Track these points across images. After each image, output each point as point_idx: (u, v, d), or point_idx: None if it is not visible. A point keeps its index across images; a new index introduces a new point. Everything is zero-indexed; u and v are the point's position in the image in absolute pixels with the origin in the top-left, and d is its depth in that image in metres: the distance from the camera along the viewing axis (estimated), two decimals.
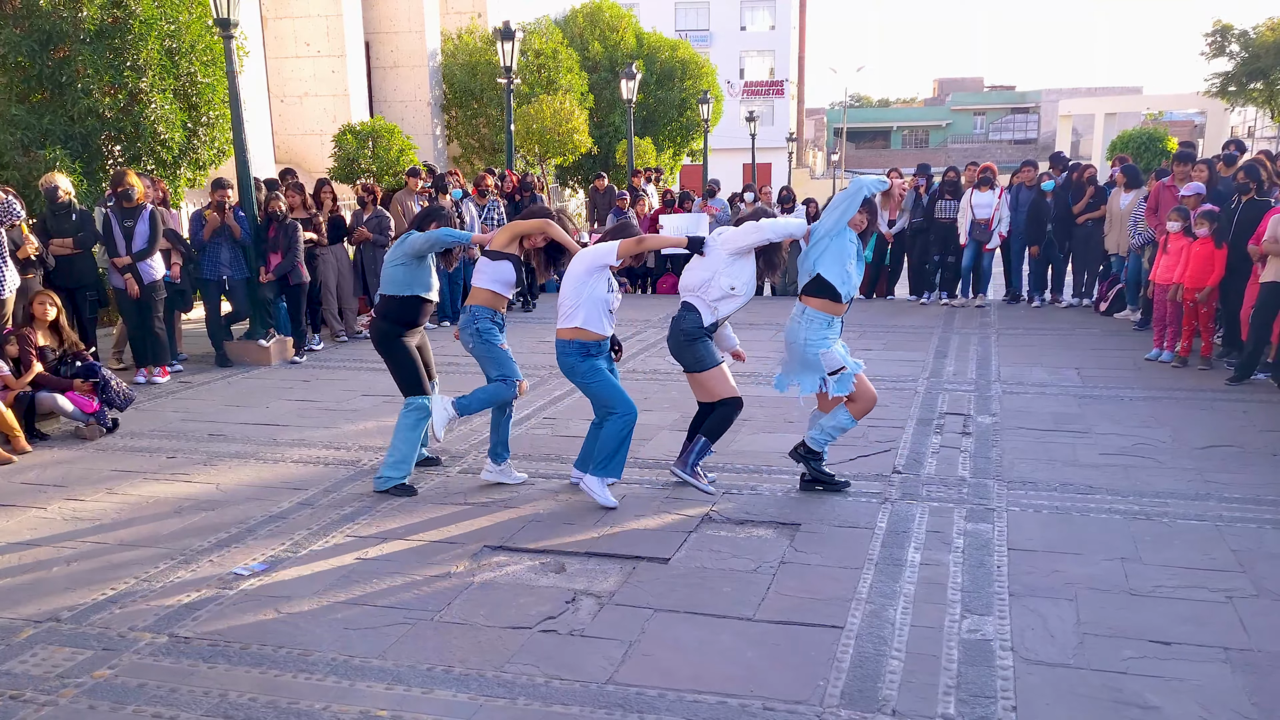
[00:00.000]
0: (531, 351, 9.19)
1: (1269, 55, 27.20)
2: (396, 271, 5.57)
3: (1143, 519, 4.93)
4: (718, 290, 5.10)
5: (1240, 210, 8.24)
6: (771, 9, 49.11)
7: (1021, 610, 3.93)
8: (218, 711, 3.31)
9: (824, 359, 5.05)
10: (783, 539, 4.74)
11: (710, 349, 5.22)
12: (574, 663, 3.58)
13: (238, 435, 6.86)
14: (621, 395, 5.19)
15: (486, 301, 5.40)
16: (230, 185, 9.29)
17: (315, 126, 18.24)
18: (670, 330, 5.33)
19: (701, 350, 5.19)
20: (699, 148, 24.72)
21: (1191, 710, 3.22)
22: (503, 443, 5.61)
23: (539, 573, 4.43)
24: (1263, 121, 40.88)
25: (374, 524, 5.07)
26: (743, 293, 5.13)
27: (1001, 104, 70.28)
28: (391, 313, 5.56)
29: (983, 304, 12.34)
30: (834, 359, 5.05)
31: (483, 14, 21.94)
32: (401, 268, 5.56)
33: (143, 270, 8.35)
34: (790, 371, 5.30)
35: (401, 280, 5.57)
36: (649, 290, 14.54)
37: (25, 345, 6.76)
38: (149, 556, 4.68)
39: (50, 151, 9.70)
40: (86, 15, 9.84)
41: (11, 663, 3.66)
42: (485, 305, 5.40)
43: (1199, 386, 7.79)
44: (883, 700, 3.30)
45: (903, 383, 8.03)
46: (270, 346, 9.38)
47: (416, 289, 5.59)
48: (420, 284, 5.61)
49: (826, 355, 5.05)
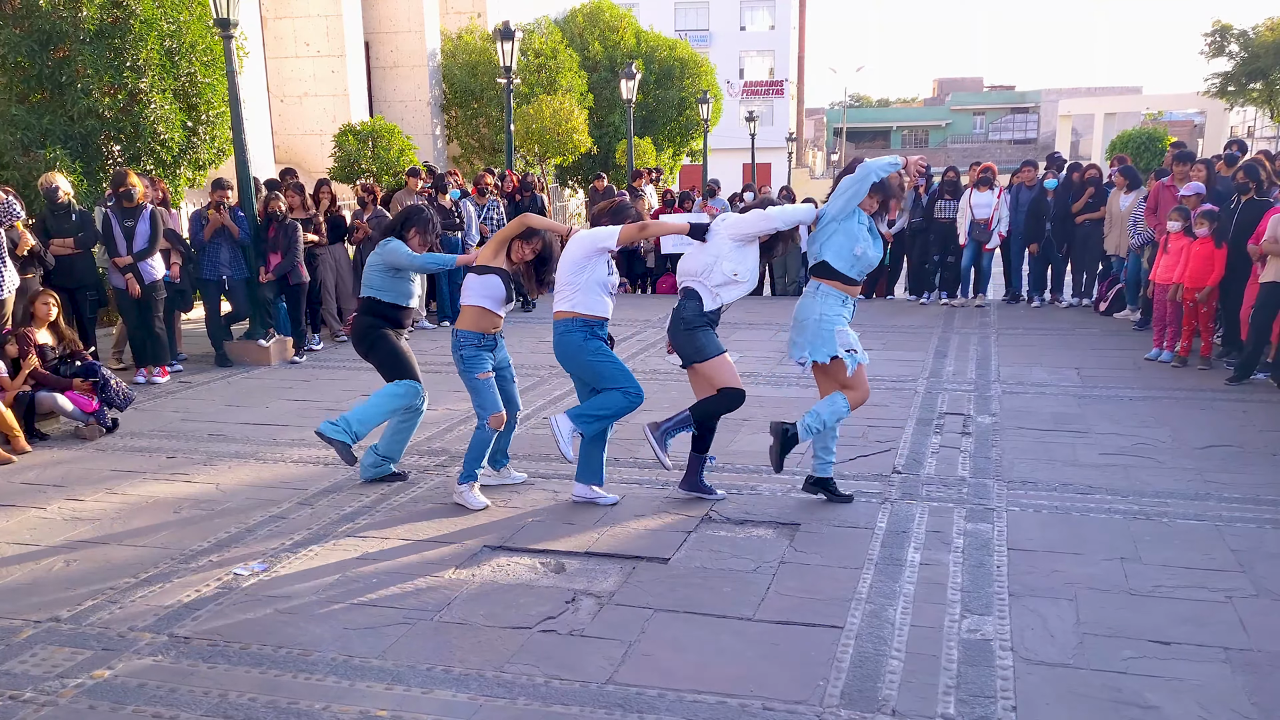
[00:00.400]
0: (532, 351, 9.19)
1: (1268, 55, 27.22)
2: (375, 277, 5.53)
3: (1142, 519, 4.93)
4: (720, 275, 4.91)
5: (1240, 210, 8.25)
6: (771, 9, 49.11)
7: (1021, 610, 3.93)
8: (218, 711, 3.31)
9: (838, 335, 4.92)
10: (782, 539, 4.74)
11: (712, 338, 5.01)
12: (574, 663, 3.58)
13: (238, 435, 6.86)
14: (630, 376, 5.06)
15: (473, 323, 5.14)
16: (230, 185, 9.29)
17: (315, 126, 18.24)
18: (671, 321, 5.12)
19: (703, 339, 4.97)
20: (699, 148, 24.73)
21: (1191, 710, 3.22)
22: (501, 450, 5.59)
23: (539, 573, 4.43)
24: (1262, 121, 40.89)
25: (374, 524, 5.07)
26: (746, 279, 4.96)
27: (1001, 104, 70.33)
28: (373, 310, 5.56)
29: (982, 304, 12.34)
30: (847, 338, 4.93)
31: (483, 14, 21.94)
32: (380, 274, 5.51)
33: (143, 270, 8.36)
34: (802, 342, 5.07)
35: (379, 286, 5.53)
36: (649, 290, 14.54)
37: (25, 345, 6.76)
38: (149, 556, 4.68)
39: (50, 151, 9.70)
40: (86, 15, 9.83)
41: (11, 663, 3.66)
42: (471, 329, 5.14)
43: (1199, 386, 7.79)
44: (883, 700, 3.30)
45: (902, 383, 8.03)
46: (270, 346, 9.38)
47: (397, 298, 5.56)
48: (401, 293, 5.57)
49: (841, 333, 4.92)
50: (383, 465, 5.70)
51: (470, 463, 5.28)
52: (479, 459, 5.29)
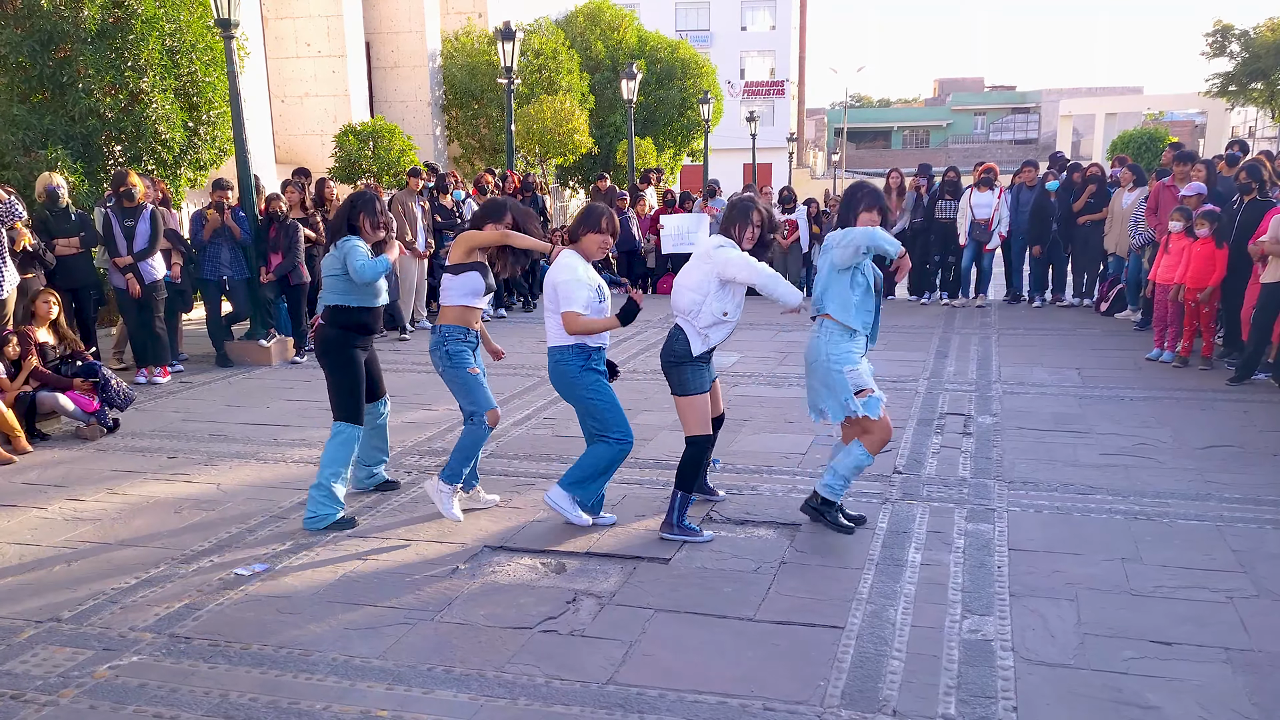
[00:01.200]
0: (532, 352, 9.19)
1: (1269, 55, 27.23)
2: (338, 282, 5.06)
3: (1143, 519, 4.93)
4: (709, 316, 4.62)
5: (1242, 210, 8.24)
6: (772, 9, 49.13)
7: (1022, 610, 3.93)
8: (218, 711, 3.31)
9: (849, 377, 4.61)
10: (783, 539, 4.74)
11: (698, 376, 4.71)
12: (574, 663, 3.58)
13: (238, 435, 6.86)
14: (623, 419, 4.79)
15: (457, 319, 4.95)
16: (231, 185, 9.30)
17: (316, 126, 18.24)
18: (664, 345, 4.83)
19: (688, 374, 4.69)
20: (699, 148, 24.71)
21: (1192, 710, 3.22)
22: (472, 471, 5.22)
23: (539, 573, 4.43)
24: (1263, 122, 40.89)
25: (374, 524, 5.07)
26: (734, 318, 4.73)
27: (1002, 104, 70.28)
28: (341, 319, 5.09)
29: (983, 304, 12.34)
30: (860, 378, 4.62)
31: (483, 14, 21.94)
32: (343, 279, 5.05)
33: (143, 270, 8.37)
34: (815, 395, 4.81)
35: (344, 290, 5.07)
36: (649, 290, 14.54)
37: (25, 344, 6.76)
38: (149, 556, 4.68)
39: (51, 151, 9.71)
40: (87, 15, 9.84)
41: (12, 663, 3.66)
42: (455, 324, 4.95)
43: (1200, 387, 7.79)
44: (883, 700, 3.30)
45: (903, 383, 8.03)
46: (271, 346, 9.39)
47: (365, 300, 5.11)
48: (368, 294, 5.12)
49: (852, 373, 4.61)
50: (374, 475, 5.56)
51: (458, 463, 4.99)
52: (468, 459, 5.02)
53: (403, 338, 10.56)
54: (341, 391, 5.09)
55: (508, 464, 6.08)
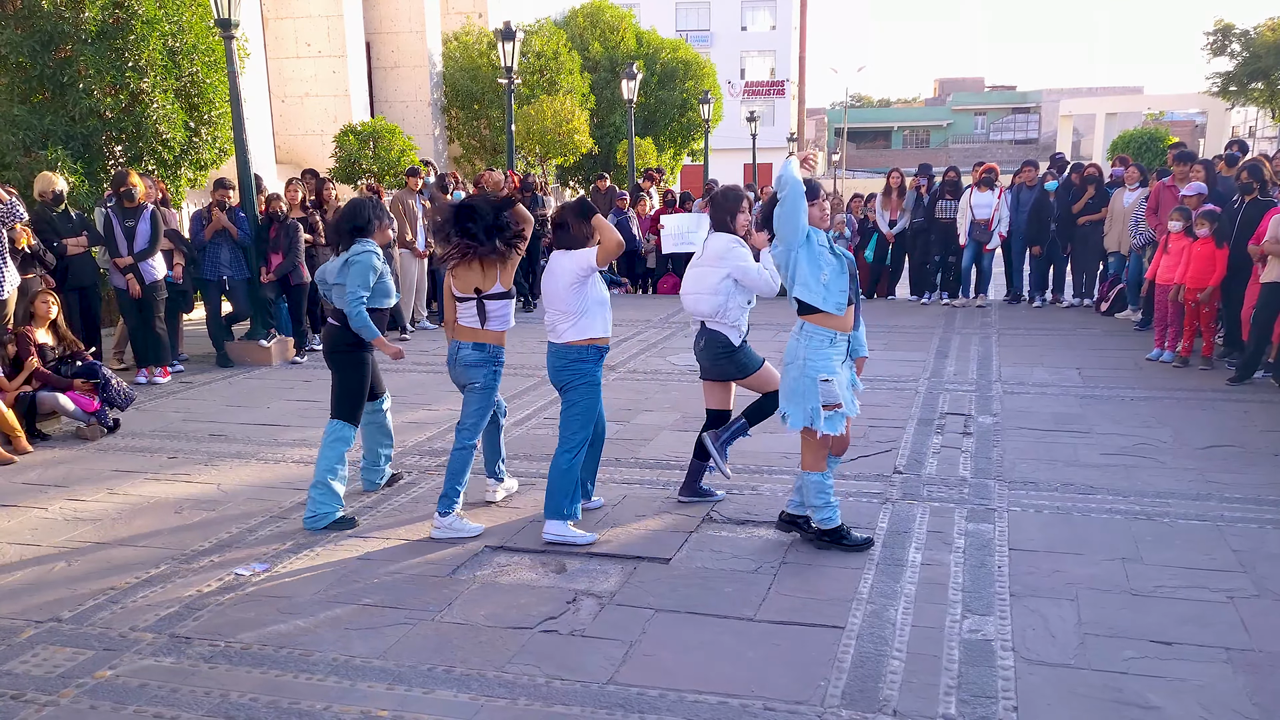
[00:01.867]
0: (532, 352, 9.18)
1: (1270, 55, 27.24)
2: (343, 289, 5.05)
3: (1144, 519, 4.93)
4: (736, 311, 4.99)
5: (1242, 210, 8.24)
6: (772, 9, 49.11)
7: (1022, 610, 3.93)
8: (219, 712, 3.31)
9: (823, 389, 4.36)
10: (783, 539, 4.74)
11: (750, 354, 5.09)
12: (575, 663, 3.58)
13: (239, 435, 6.86)
14: (591, 430, 4.86)
15: (501, 340, 4.96)
16: (231, 185, 9.30)
17: (316, 126, 18.24)
18: (704, 349, 5.05)
19: (742, 358, 5.07)
20: (700, 148, 24.72)
21: (1193, 710, 3.21)
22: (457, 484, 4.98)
23: (540, 573, 4.43)
24: (1264, 121, 40.89)
25: (374, 524, 5.07)
26: (754, 301, 5.12)
27: (1002, 104, 70.26)
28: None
29: (983, 304, 12.34)
30: (832, 392, 4.37)
31: (483, 14, 21.95)
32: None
33: (144, 270, 8.37)
34: (782, 398, 4.58)
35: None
36: (649, 290, 14.55)
37: (25, 345, 6.76)
38: (150, 556, 4.68)
39: (51, 152, 9.71)
40: (88, 16, 9.85)
41: (12, 663, 3.66)
42: (499, 344, 4.96)
43: (1200, 387, 7.79)
44: (883, 700, 3.30)
45: (903, 383, 8.03)
46: (271, 347, 9.39)
47: (378, 301, 5.13)
48: (381, 293, 5.14)
49: (826, 386, 4.36)
50: (383, 472, 5.60)
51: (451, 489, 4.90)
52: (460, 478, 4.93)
53: (403, 337, 10.56)
54: (346, 392, 5.17)
55: (508, 464, 6.07)
